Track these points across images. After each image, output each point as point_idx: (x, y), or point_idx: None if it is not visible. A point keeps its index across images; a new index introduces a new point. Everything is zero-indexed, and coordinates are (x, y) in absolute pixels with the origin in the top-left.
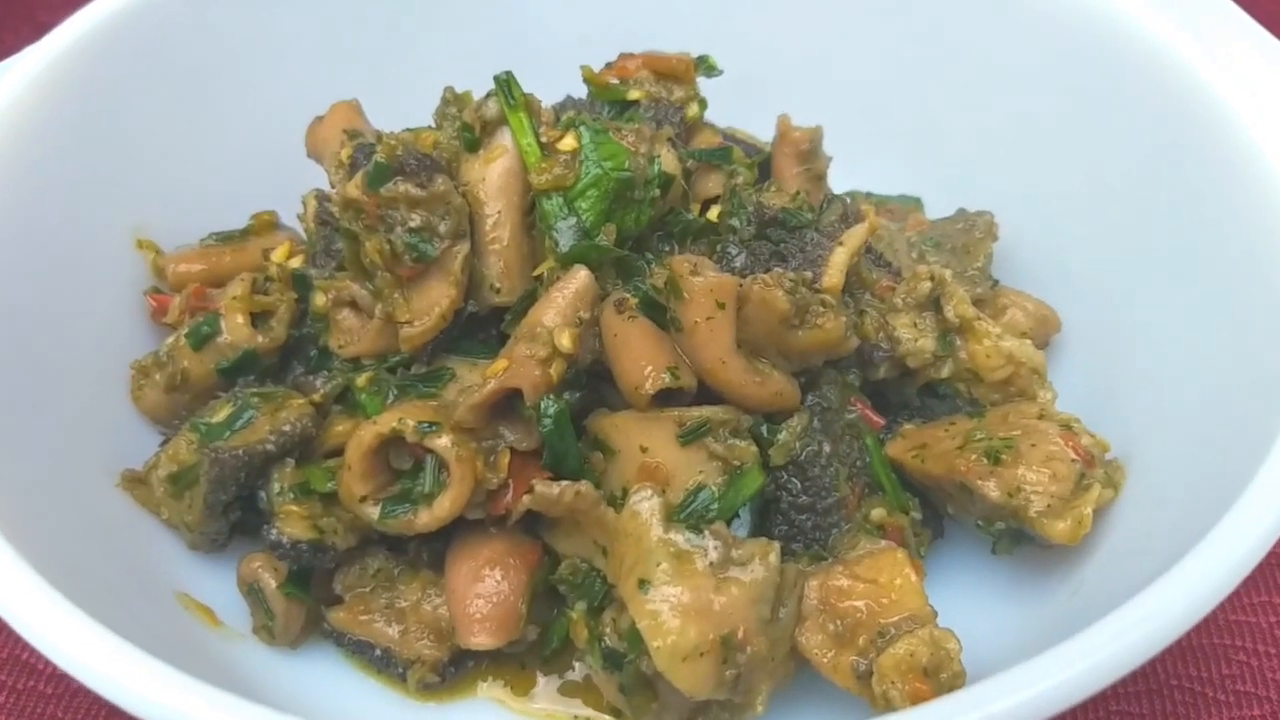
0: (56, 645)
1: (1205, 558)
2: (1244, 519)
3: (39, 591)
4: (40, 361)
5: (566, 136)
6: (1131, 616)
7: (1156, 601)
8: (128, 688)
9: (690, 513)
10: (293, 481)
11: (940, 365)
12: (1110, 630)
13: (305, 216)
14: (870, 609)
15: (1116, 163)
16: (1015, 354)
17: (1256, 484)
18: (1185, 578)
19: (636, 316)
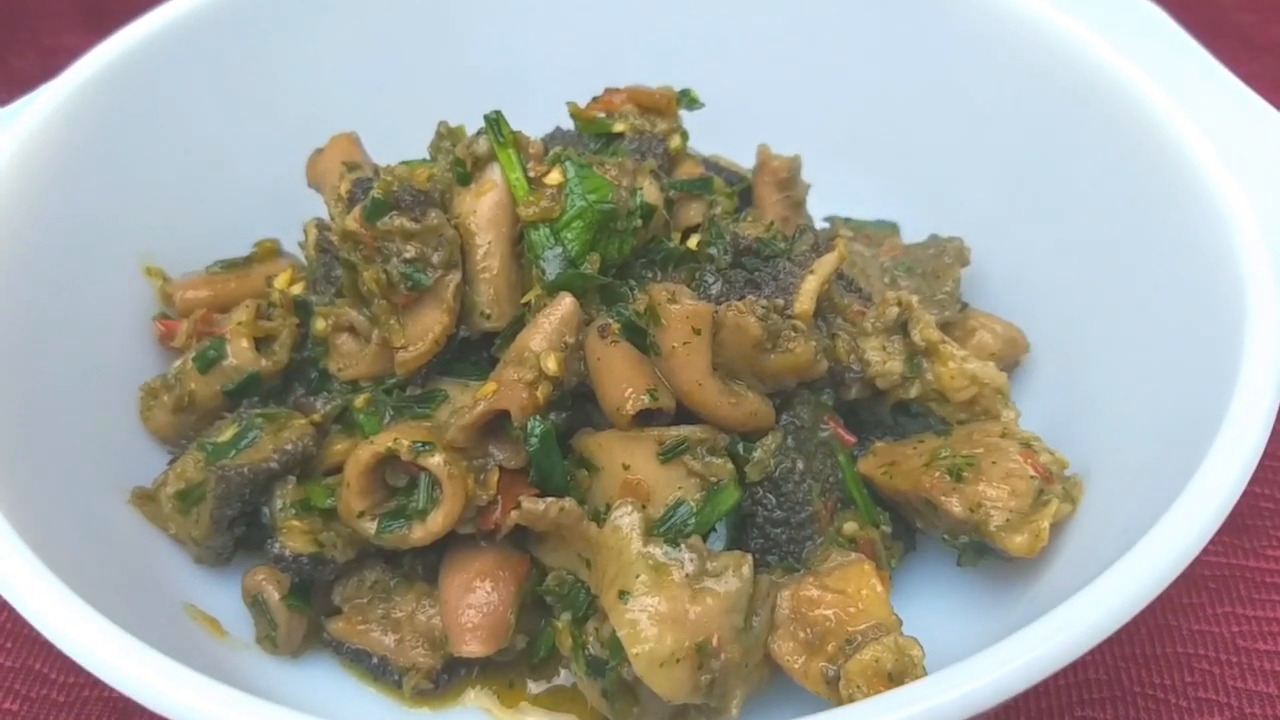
0: (85, 649)
1: (1136, 562)
2: (1173, 527)
3: (68, 600)
4: (56, 383)
5: (553, 171)
6: (1065, 615)
7: (1090, 599)
8: (151, 686)
9: (669, 527)
10: (294, 498)
11: (908, 386)
12: (1042, 630)
13: (306, 245)
14: (839, 618)
15: (1080, 193)
16: (978, 375)
17: (1184, 498)
18: (1119, 578)
19: (618, 341)
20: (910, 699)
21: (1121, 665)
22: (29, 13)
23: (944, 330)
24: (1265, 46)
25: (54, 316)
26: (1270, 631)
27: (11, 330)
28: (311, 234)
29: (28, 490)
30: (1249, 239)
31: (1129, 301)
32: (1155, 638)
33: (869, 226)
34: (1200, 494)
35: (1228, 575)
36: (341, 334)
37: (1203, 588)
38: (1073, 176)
